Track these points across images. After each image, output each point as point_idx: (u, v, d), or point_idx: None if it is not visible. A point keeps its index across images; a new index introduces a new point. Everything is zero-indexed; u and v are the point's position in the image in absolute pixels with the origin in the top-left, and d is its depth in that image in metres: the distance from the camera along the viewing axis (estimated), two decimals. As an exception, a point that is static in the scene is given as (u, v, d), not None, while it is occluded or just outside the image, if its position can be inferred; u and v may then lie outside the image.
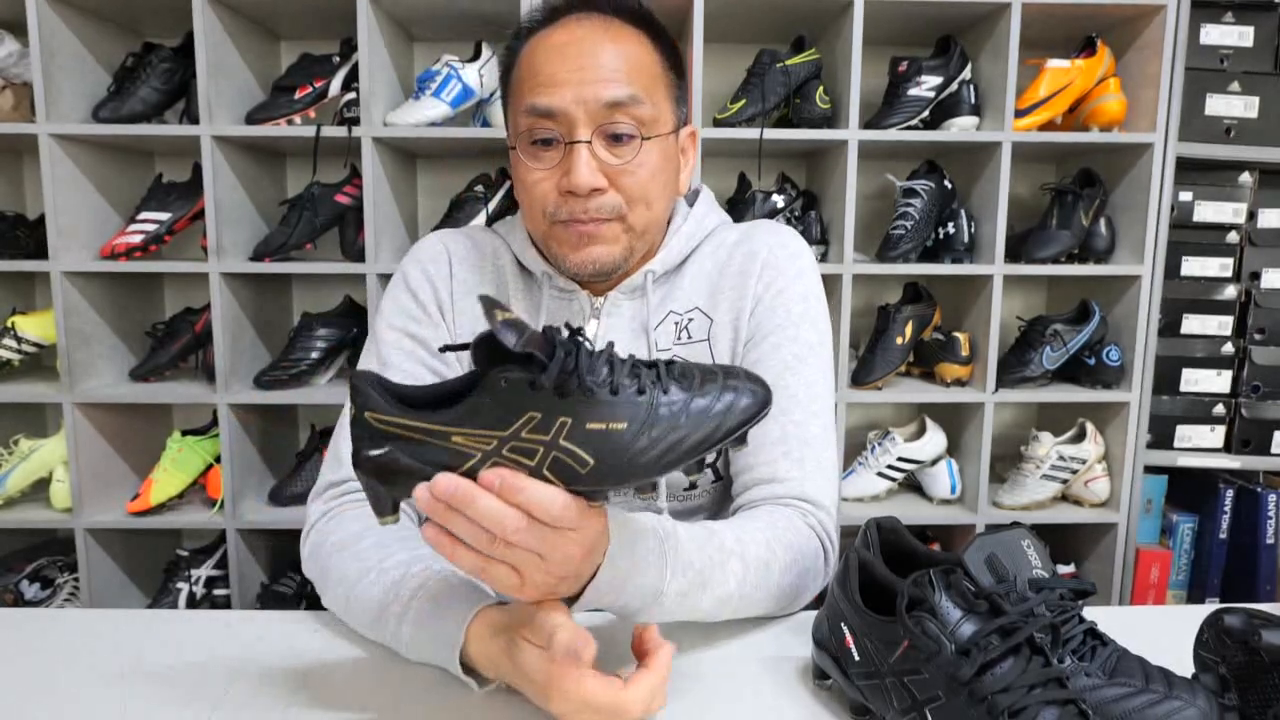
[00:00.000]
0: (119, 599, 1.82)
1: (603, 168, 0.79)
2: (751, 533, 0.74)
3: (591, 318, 0.88)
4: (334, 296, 1.96)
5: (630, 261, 0.85)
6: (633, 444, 0.51)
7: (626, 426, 0.51)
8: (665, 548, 0.65)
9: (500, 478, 0.51)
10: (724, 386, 0.53)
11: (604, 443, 0.50)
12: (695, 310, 0.89)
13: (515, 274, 0.91)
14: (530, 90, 0.79)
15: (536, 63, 0.79)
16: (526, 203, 0.83)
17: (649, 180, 0.81)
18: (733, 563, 0.70)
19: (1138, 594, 1.82)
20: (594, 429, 0.50)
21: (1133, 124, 1.75)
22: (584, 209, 0.79)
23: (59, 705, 0.61)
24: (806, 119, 1.71)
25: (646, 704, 0.57)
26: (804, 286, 0.89)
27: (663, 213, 0.86)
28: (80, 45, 1.69)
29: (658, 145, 0.82)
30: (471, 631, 0.61)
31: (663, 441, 0.51)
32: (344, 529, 0.76)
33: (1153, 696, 0.53)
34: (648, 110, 0.80)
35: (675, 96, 0.85)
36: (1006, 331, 1.92)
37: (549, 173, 0.80)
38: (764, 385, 0.57)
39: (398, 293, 0.90)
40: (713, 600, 0.69)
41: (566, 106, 0.77)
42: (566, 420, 0.50)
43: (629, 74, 0.79)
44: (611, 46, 0.79)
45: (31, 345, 1.75)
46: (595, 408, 0.51)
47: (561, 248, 0.83)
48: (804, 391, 0.85)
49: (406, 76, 1.86)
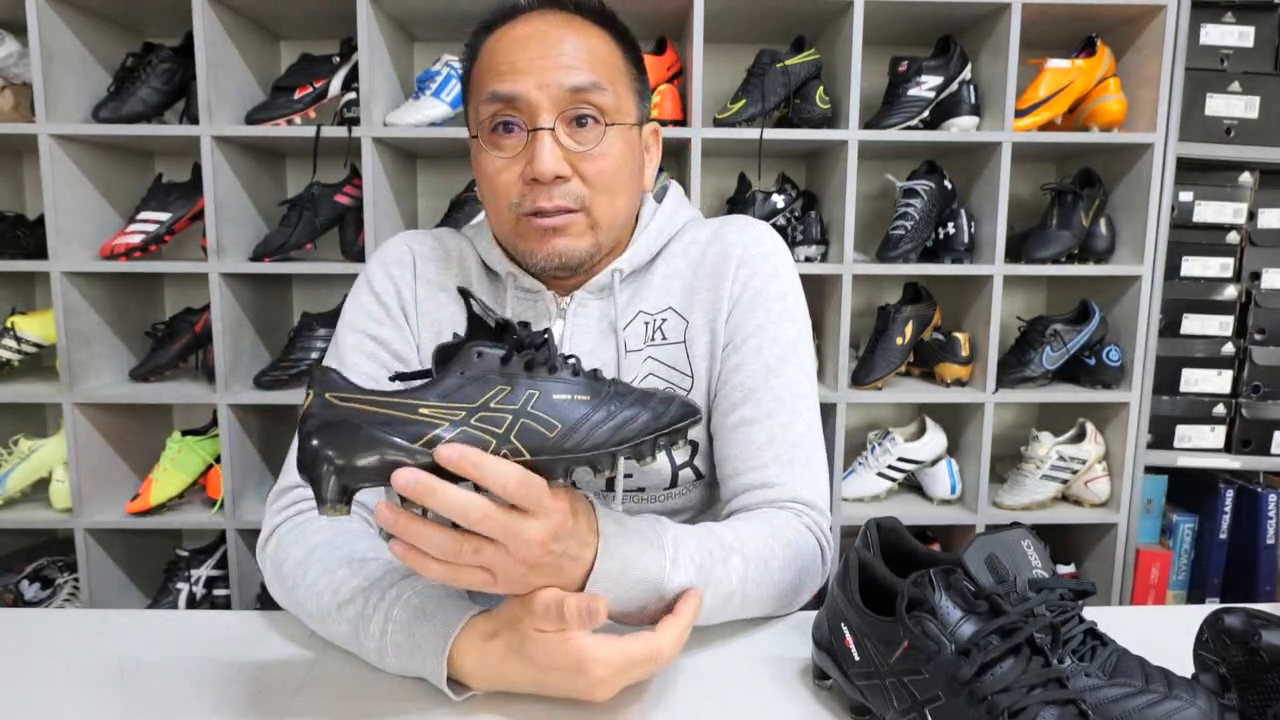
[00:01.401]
0: (119, 599, 1.82)
1: (566, 155, 0.78)
2: (750, 531, 0.74)
3: (558, 318, 0.87)
4: (334, 296, 1.96)
5: (597, 256, 0.84)
6: (592, 414, 0.56)
7: (589, 399, 0.56)
8: (664, 541, 0.65)
9: (459, 452, 0.51)
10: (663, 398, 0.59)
11: (569, 410, 0.55)
12: (669, 311, 0.88)
13: (481, 276, 0.90)
14: (491, 79, 0.78)
15: (498, 54, 0.79)
16: (490, 195, 0.82)
17: (612, 170, 0.80)
18: (734, 559, 0.70)
19: (1138, 594, 1.82)
20: (560, 399, 0.55)
21: (1133, 124, 1.75)
22: (548, 197, 0.78)
23: (59, 705, 0.61)
24: (806, 119, 1.71)
25: (676, 648, 0.60)
26: (780, 284, 0.88)
27: (627, 207, 0.85)
28: (80, 45, 1.69)
29: (621, 135, 0.81)
30: (461, 645, 0.60)
31: (617, 416, 0.56)
32: (306, 542, 0.74)
33: (1153, 696, 0.53)
34: (610, 99, 0.79)
35: (638, 90, 0.85)
36: (1006, 331, 1.93)
37: (511, 162, 0.79)
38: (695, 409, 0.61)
39: (361, 294, 0.89)
40: (715, 597, 0.68)
41: (529, 92, 0.77)
42: (535, 392, 0.55)
43: (590, 63, 0.79)
44: (573, 37, 0.79)
45: (31, 345, 1.75)
46: (560, 383, 0.56)
47: (526, 242, 0.82)
48: (788, 392, 0.84)
49: (406, 76, 1.86)
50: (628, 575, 0.62)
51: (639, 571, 0.62)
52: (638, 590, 0.63)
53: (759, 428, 0.83)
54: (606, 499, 0.87)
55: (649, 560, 0.63)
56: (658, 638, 0.59)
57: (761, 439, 0.83)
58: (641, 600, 0.64)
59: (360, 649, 0.66)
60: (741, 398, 0.84)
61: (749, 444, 0.83)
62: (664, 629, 0.60)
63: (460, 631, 0.61)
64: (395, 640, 0.63)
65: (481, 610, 0.63)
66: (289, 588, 0.72)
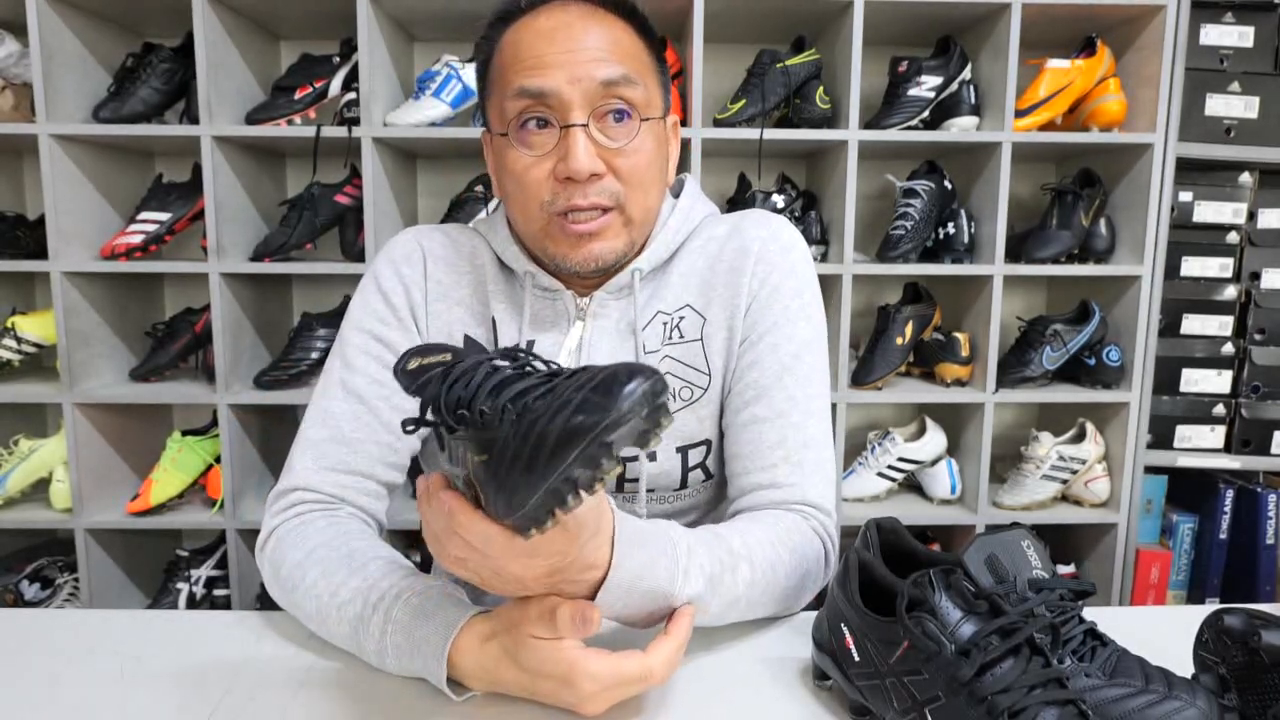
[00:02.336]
0: (119, 599, 1.82)
1: (600, 152, 0.76)
2: (758, 536, 0.74)
3: (577, 319, 0.85)
4: (334, 296, 1.96)
5: (630, 253, 0.83)
6: (504, 481, 0.49)
7: (490, 459, 0.49)
8: (677, 552, 0.64)
9: (450, 506, 0.52)
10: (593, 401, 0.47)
11: (492, 477, 0.49)
12: (686, 308, 0.86)
13: (496, 274, 0.87)
14: (518, 74, 0.76)
15: (522, 47, 0.77)
16: (518, 194, 0.79)
17: (645, 165, 0.79)
18: (742, 567, 0.70)
19: (1138, 594, 1.82)
20: (478, 460, 0.50)
21: (1133, 124, 1.75)
22: (583, 195, 0.76)
23: (59, 705, 0.61)
24: (806, 119, 1.71)
25: (669, 668, 0.59)
26: (798, 281, 0.86)
27: (657, 202, 0.83)
28: (80, 45, 1.69)
29: (652, 130, 0.80)
30: (460, 645, 0.60)
31: (525, 478, 0.48)
32: (305, 544, 0.73)
33: (1153, 697, 0.53)
34: (640, 92, 0.78)
35: (661, 83, 0.84)
36: (1006, 331, 1.92)
37: (541, 159, 0.77)
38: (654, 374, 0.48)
39: (368, 293, 0.87)
40: (721, 604, 0.68)
41: (560, 87, 0.74)
42: (473, 464, 0.50)
43: (620, 55, 0.77)
44: (598, 29, 0.77)
45: (31, 345, 1.75)
46: (475, 446, 0.50)
47: (558, 245, 0.80)
48: (801, 392, 0.83)
49: (406, 76, 1.86)
50: (639, 586, 0.61)
51: (650, 582, 0.62)
52: (647, 600, 0.62)
53: (770, 427, 0.82)
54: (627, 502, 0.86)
55: (660, 570, 0.62)
56: (650, 658, 0.58)
57: (773, 438, 0.82)
58: (650, 609, 0.63)
59: (360, 650, 0.66)
60: (755, 395, 0.83)
61: (760, 443, 0.82)
62: (657, 649, 0.59)
63: (459, 632, 0.60)
64: (395, 641, 0.62)
65: (481, 611, 0.63)
66: (288, 589, 0.72)
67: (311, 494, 0.79)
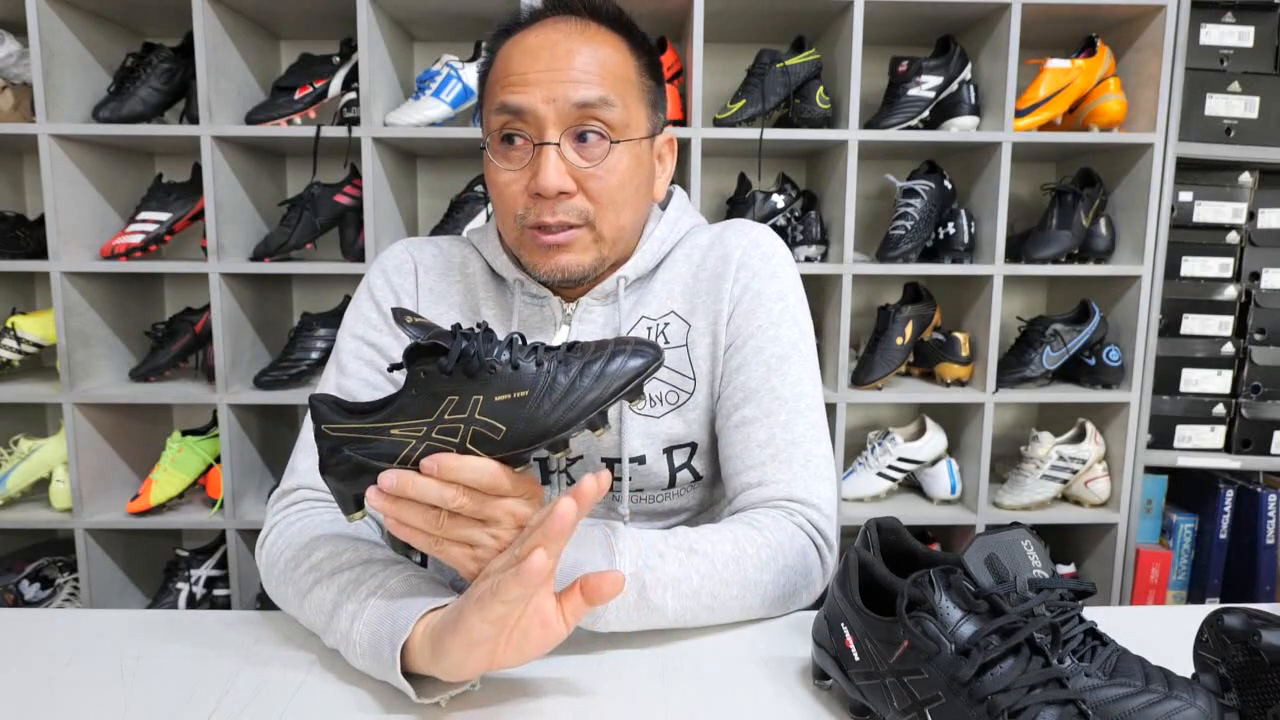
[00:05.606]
0: (119, 599, 1.82)
1: (571, 170, 0.78)
2: (725, 532, 0.75)
3: (563, 324, 0.87)
4: (334, 296, 1.96)
5: (602, 268, 0.84)
6: (536, 408, 0.59)
7: (528, 394, 0.59)
8: (613, 539, 0.68)
9: (436, 462, 0.57)
10: (613, 352, 0.61)
11: (511, 410, 0.58)
12: (671, 315, 0.88)
13: (486, 281, 0.90)
14: (502, 89, 0.79)
15: (510, 63, 0.79)
16: (499, 205, 0.82)
17: (617, 186, 0.80)
18: (695, 559, 0.71)
19: (1138, 594, 1.82)
20: (501, 400, 0.58)
21: (1133, 124, 1.75)
22: (551, 212, 0.78)
23: (59, 705, 0.61)
24: (806, 119, 1.71)
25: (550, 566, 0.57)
26: (780, 285, 0.88)
27: (633, 220, 0.85)
28: (80, 45, 1.69)
29: (628, 150, 0.81)
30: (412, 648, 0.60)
31: (563, 403, 0.59)
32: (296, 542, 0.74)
33: (1153, 697, 0.53)
34: (618, 114, 0.79)
35: (651, 102, 0.84)
36: (1006, 331, 1.93)
37: (518, 174, 0.79)
38: (654, 347, 0.62)
39: (361, 301, 0.90)
40: (677, 597, 0.69)
41: (535, 105, 0.77)
42: (479, 397, 0.58)
43: (600, 76, 0.78)
44: (585, 48, 0.78)
45: (31, 345, 1.75)
46: (500, 381, 0.58)
47: (530, 255, 0.82)
48: (789, 391, 0.84)
49: (406, 76, 1.86)
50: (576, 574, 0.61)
51: (586, 567, 0.65)
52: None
53: (759, 427, 0.83)
54: (613, 502, 0.87)
55: (598, 557, 0.67)
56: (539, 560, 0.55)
57: (761, 437, 0.83)
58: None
59: (346, 656, 0.66)
60: (743, 398, 0.85)
61: (749, 443, 0.83)
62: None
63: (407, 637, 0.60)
64: (366, 665, 0.63)
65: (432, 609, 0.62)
66: (277, 587, 0.74)
67: (314, 492, 0.81)
